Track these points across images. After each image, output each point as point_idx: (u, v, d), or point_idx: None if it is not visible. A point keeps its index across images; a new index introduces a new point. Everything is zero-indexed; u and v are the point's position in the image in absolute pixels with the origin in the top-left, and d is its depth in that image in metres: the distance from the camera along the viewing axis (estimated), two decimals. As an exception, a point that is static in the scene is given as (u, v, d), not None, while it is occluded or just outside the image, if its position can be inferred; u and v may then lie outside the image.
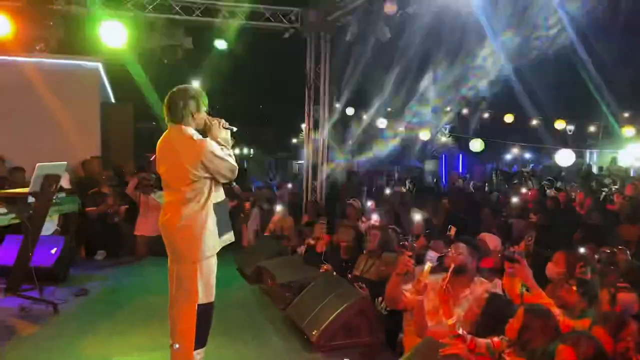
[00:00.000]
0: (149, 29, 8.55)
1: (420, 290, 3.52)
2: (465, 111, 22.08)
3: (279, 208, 7.50)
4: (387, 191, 10.93)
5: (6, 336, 4.49)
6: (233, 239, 3.66)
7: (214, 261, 3.50)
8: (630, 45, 14.88)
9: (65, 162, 5.75)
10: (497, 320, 3.31)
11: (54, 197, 5.42)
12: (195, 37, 8.84)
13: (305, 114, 9.82)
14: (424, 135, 18.04)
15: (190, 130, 3.42)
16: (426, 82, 16.44)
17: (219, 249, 3.50)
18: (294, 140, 27.32)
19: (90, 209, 7.71)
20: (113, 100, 12.02)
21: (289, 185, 10.96)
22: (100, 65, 9.76)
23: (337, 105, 18.78)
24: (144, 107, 11.09)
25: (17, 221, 5.05)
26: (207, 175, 3.38)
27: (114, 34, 8.08)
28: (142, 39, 8.59)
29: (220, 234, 3.47)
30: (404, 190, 11.25)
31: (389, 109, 19.58)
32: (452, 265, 3.64)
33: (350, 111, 18.21)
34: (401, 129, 19.74)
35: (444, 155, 25.06)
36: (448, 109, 21.33)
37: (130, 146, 10.56)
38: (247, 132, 24.89)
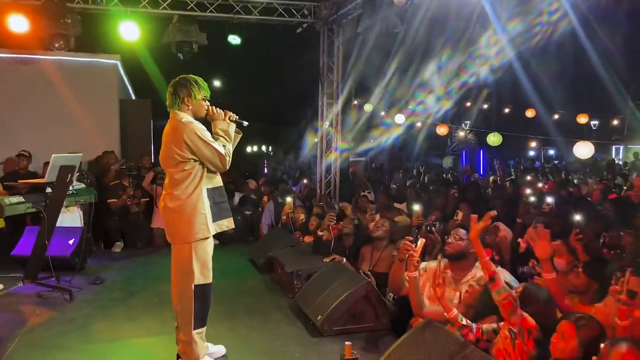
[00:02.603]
0: (164, 26, 8.70)
1: (415, 266, 3.57)
2: (485, 106, 21.83)
3: (288, 199, 7.57)
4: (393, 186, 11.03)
5: (21, 320, 4.65)
6: (232, 226, 3.72)
7: (209, 243, 3.56)
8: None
9: (81, 154, 5.94)
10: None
11: (70, 188, 5.58)
12: (209, 33, 8.93)
13: (319, 108, 9.86)
14: (442, 130, 17.90)
15: (182, 115, 3.51)
16: (432, 70, 16.35)
17: (213, 233, 3.56)
18: (315, 140, 27.38)
19: (112, 201, 7.90)
20: (134, 97, 12.20)
21: (305, 180, 11.04)
22: (118, 63, 9.90)
23: (355, 103, 18.88)
24: (164, 104, 11.20)
25: (33, 210, 5.21)
26: (193, 157, 3.43)
27: (129, 31, 8.27)
28: (157, 35, 8.75)
29: (215, 219, 3.53)
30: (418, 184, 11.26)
31: (403, 103, 19.52)
32: (448, 250, 3.65)
33: (368, 107, 18.22)
34: (418, 123, 19.60)
35: (464, 152, 24.82)
36: (468, 103, 21.07)
37: (148, 143, 10.67)
38: (267, 130, 25.07)
